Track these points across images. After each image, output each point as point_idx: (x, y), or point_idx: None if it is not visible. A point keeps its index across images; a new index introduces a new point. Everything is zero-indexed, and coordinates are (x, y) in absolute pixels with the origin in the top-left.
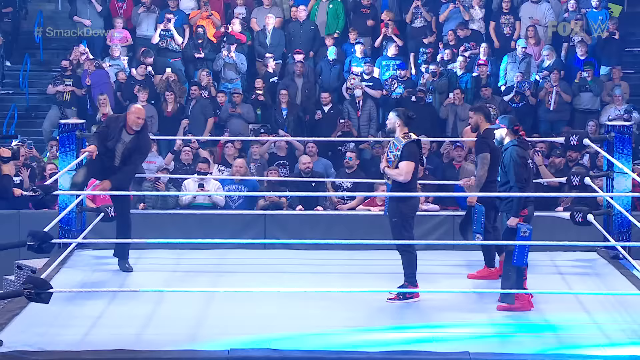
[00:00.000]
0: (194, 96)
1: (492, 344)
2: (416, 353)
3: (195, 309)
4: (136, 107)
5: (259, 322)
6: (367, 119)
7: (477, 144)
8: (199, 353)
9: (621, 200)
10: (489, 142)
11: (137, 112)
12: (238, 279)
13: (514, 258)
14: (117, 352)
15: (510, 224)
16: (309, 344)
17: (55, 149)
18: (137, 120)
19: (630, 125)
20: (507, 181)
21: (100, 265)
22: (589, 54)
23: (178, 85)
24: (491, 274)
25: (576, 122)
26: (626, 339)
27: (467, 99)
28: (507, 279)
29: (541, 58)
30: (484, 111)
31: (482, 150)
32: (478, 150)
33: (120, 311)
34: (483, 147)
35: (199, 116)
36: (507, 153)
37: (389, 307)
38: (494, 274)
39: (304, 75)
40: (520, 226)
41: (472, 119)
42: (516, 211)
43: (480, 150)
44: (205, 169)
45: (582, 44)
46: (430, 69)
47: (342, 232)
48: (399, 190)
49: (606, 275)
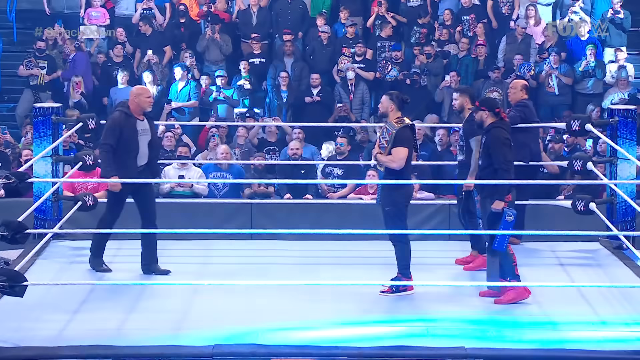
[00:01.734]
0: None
1: (489, 339)
2: (410, 348)
3: (179, 302)
4: (140, 88)
5: (245, 316)
6: (359, 103)
7: (469, 127)
8: (183, 348)
9: (625, 187)
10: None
11: (144, 92)
12: (223, 271)
13: (494, 243)
14: (96, 348)
15: (495, 208)
16: (298, 339)
17: (30, 135)
18: (148, 100)
19: (634, 109)
20: (490, 164)
21: (78, 257)
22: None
23: (160, 67)
24: (481, 261)
25: (578, 106)
26: (630, 333)
27: (465, 82)
28: (492, 266)
29: (542, 39)
30: (469, 93)
31: (476, 133)
32: (470, 133)
33: (99, 305)
34: (476, 130)
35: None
36: (489, 135)
37: (382, 300)
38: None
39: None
40: (506, 211)
41: (456, 101)
42: (502, 195)
43: (473, 133)
44: (186, 153)
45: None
46: (424, 50)
47: (332, 221)
48: (392, 177)
49: (609, 267)
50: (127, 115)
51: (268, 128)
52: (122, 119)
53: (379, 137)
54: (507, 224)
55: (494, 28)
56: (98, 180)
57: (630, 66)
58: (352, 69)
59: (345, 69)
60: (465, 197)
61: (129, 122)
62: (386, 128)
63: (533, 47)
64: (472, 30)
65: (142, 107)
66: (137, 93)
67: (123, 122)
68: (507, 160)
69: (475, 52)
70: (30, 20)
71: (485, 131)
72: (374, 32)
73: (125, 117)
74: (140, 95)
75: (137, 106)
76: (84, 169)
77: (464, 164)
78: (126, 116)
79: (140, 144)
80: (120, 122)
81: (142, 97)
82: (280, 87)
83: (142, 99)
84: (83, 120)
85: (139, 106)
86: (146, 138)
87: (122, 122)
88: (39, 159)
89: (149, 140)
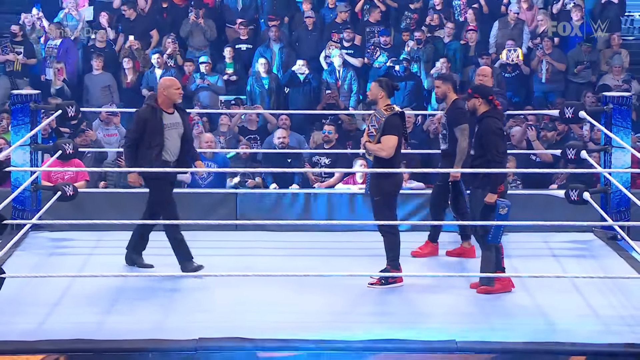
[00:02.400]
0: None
1: (481, 332)
2: (400, 342)
3: (161, 295)
4: (168, 79)
5: (230, 308)
6: (347, 90)
7: (453, 115)
8: (166, 342)
9: (620, 176)
10: (465, 113)
11: (174, 84)
12: (207, 263)
13: (489, 236)
14: (76, 342)
15: (488, 201)
16: (284, 332)
17: (5, 122)
18: (178, 91)
19: (629, 96)
20: (483, 154)
21: (57, 248)
22: (585, 20)
23: (141, 53)
24: (467, 252)
25: (571, 93)
26: (624, 326)
27: (453, 69)
28: (487, 260)
29: (535, 24)
30: (452, 81)
31: (460, 122)
32: (454, 122)
33: (79, 298)
34: (460, 119)
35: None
36: (482, 124)
37: (370, 293)
38: (469, 251)
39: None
40: (499, 202)
41: (439, 89)
42: (495, 186)
43: (458, 122)
44: None
45: (577, 9)
46: (415, 36)
47: (320, 212)
48: (381, 166)
49: (603, 258)
50: (153, 108)
51: (248, 116)
52: (148, 113)
53: (368, 125)
54: (501, 217)
55: (485, 13)
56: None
57: (624, 52)
58: (340, 55)
59: (333, 55)
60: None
61: (154, 116)
62: (375, 116)
63: (526, 33)
64: (464, 15)
65: (171, 99)
66: (166, 85)
67: (148, 116)
68: (499, 152)
69: (466, 38)
70: (7, 4)
71: (478, 120)
72: (362, 17)
73: (151, 111)
74: (169, 87)
75: (166, 99)
76: (63, 158)
77: (447, 153)
78: (152, 110)
79: (169, 138)
80: (145, 116)
81: (171, 89)
82: (260, 73)
83: (171, 91)
84: (62, 107)
85: (169, 99)
86: (177, 131)
87: (147, 116)
88: (17, 147)
89: (182, 133)
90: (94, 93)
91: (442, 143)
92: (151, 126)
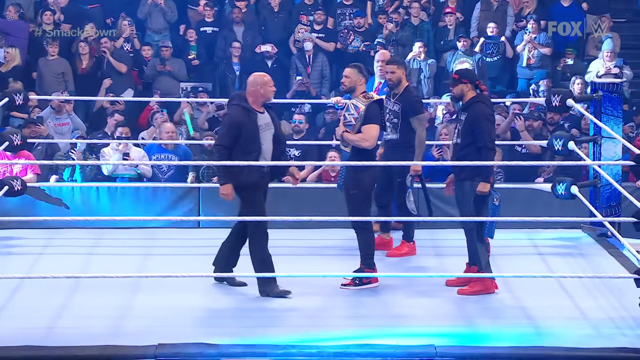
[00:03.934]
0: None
1: (462, 336)
2: (374, 347)
3: (118, 298)
4: (263, 75)
5: (193, 312)
6: (318, 77)
7: (410, 103)
8: (123, 348)
9: (610, 169)
10: (421, 101)
11: (269, 80)
12: (168, 263)
13: (485, 229)
14: (24, 349)
15: (481, 191)
16: (250, 337)
17: None
18: (273, 89)
19: (620, 83)
20: (471, 142)
21: (4, 248)
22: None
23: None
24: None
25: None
26: (615, 329)
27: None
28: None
29: (520, 6)
30: (405, 65)
31: (418, 111)
32: (411, 111)
33: (28, 301)
34: (418, 107)
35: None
36: (470, 110)
37: (343, 294)
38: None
39: (244, 23)
40: (493, 193)
41: (394, 74)
42: (486, 176)
43: (415, 111)
44: (127, 133)
45: None
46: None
47: (289, 207)
48: (360, 158)
49: (592, 256)
50: (246, 110)
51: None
52: (243, 116)
53: (344, 114)
54: (495, 208)
55: None
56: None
57: (616, 35)
58: (310, 39)
59: (303, 39)
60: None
61: (249, 118)
62: (353, 104)
63: (510, 15)
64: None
65: (267, 97)
66: (262, 82)
67: (243, 119)
68: (491, 138)
69: (445, 21)
70: None
71: (466, 106)
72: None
73: (246, 114)
74: (266, 84)
75: (261, 98)
76: (11, 150)
77: (396, 144)
78: (246, 112)
79: (263, 141)
80: (240, 119)
81: (267, 86)
82: (231, 58)
83: (267, 88)
84: (9, 95)
85: (264, 97)
86: (270, 132)
87: (242, 120)
88: None
89: (274, 134)
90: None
91: (392, 133)
92: (247, 131)
